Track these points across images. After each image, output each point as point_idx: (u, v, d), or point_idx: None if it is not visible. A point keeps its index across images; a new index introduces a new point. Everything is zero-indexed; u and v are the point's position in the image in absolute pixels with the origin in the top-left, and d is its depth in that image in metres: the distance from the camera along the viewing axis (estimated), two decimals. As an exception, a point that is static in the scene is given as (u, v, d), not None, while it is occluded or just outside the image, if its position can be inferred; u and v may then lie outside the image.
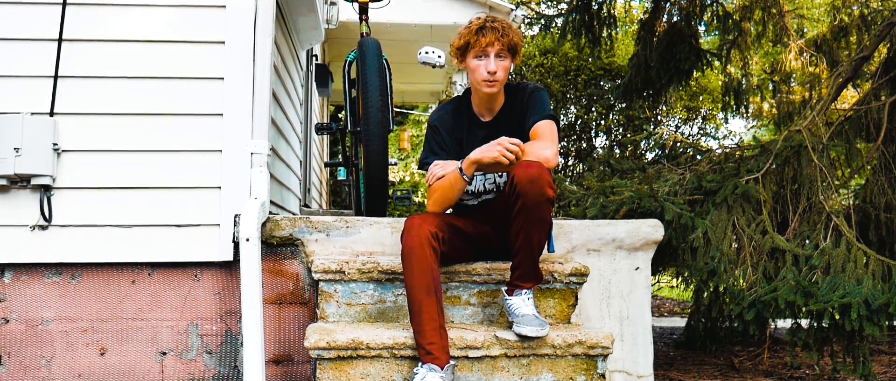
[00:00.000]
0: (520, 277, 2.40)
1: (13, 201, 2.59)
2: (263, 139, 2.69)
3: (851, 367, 3.28)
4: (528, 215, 2.26)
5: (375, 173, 3.05)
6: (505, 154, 2.24)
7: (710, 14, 5.56)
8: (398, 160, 17.28)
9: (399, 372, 2.30)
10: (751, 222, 3.42)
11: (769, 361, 4.17)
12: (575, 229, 2.87)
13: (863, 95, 4.38)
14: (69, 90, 2.63)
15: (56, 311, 2.66)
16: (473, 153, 2.32)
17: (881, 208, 3.87)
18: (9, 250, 2.59)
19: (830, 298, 2.99)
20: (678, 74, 5.38)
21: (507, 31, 2.44)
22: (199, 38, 2.69)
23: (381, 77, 3.12)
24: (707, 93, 7.38)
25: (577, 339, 2.35)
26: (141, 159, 2.65)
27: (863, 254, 3.23)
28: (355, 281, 2.54)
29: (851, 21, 5.30)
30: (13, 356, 2.64)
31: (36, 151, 2.54)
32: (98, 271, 2.67)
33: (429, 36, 7.26)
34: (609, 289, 2.89)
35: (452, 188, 2.41)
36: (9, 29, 2.62)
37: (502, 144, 2.25)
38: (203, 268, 2.71)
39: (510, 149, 2.24)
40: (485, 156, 2.28)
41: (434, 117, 2.64)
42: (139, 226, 2.64)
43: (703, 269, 3.25)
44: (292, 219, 2.73)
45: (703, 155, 4.21)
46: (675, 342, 4.91)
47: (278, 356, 2.74)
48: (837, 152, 4.00)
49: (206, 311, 2.72)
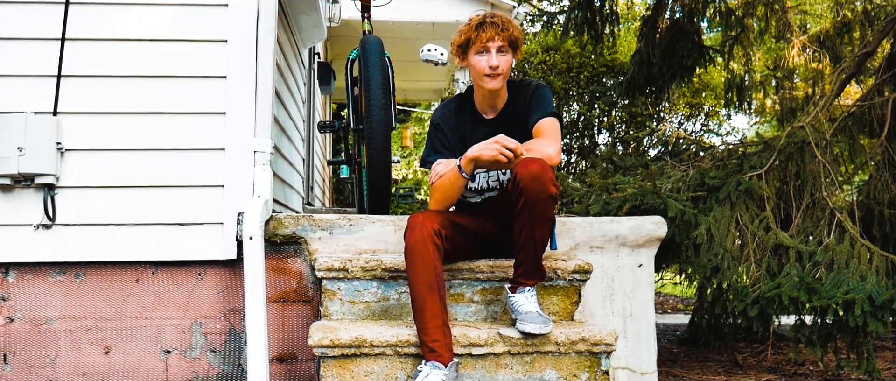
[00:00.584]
0: (523, 274, 2.40)
1: (17, 200, 2.60)
2: (266, 138, 2.69)
3: (855, 363, 3.28)
4: (531, 212, 2.26)
5: (378, 171, 3.05)
6: (502, 153, 2.24)
7: (712, 10, 5.54)
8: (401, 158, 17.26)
9: (403, 370, 2.30)
10: (754, 218, 3.41)
11: (773, 357, 4.17)
12: (578, 226, 2.86)
13: (866, 90, 4.37)
14: (72, 89, 2.63)
15: (60, 310, 2.66)
16: (471, 150, 2.32)
17: (885, 204, 3.87)
18: (13, 250, 2.60)
19: (834, 294, 2.99)
20: (681, 71, 5.38)
21: (507, 26, 2.44)
22: (201, 36, 2.69)
23: (384, 75, 3.12)
24: (710, 89, 7.37)
25: (580, 336, 2.35)
26: (144, 158, 2.66)
27: (866, 250, 3.22)
28: (359, 279, 2.54)
29: (854, 17, 5.29)
30: (18, 355, 2.65)
31: (39, 150, 2.55)
32: (102, 269, 2.68)
33: (431, 34, 7.25)
34: (612, 286, 2.89)
35: (453, 186, 2.41)
36: (12, 28, 2.62)
37: (500, 142, 2.26)
38: (206, 266, 2.71)
39: (508, 147, 2.24)
40: (483, 154, 2.28)
41: (437, 115, 2.63)
42: (143, 225, 2.64)
43: (707, 265, 3.25)
44: (295, 217, 2.74)
45: (705, 151, 4.20)
46: (678, 338, 4.91)
47: (282, 355, 2.74)
48: (841, 148, 3.99)
49: (210, 309, 2.72)
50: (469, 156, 2.32)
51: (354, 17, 4.81)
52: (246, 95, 2.67)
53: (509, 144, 2.25)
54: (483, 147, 2.29)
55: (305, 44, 4.97)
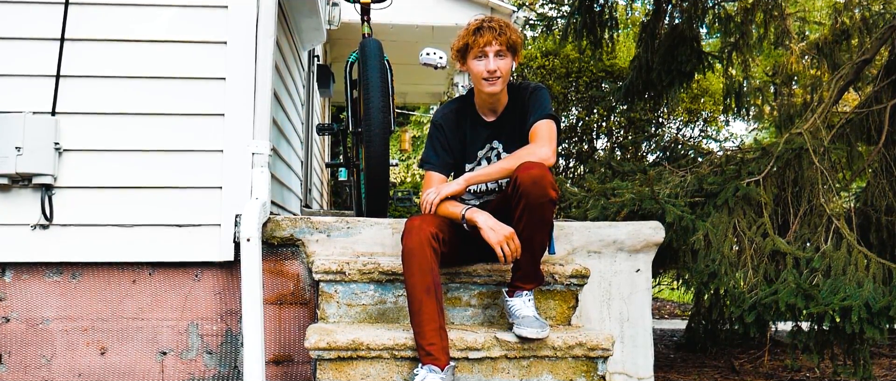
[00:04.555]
0: (520, 278, 2.40)
1: (14, 200, 2.60)
2: (265, 139, 2.69)
3: (852, 370, 3.28)
4: (531, 216, 2.26)
5: (376, 174, 3.05)
6: (503, 248, 2.26)
7: (711, 16, 5.56)
8: (399, 161, 17.28)
9: (399, 373, 2.30)
10: (752, 224, 3.41)
11: (769, 363, 4.17)
12: (576, 230, 2.87)
13: (864, 97, 4.38)
14: (71, 90, 2.63)
15: (57, 310, 2.66)
16: (482, 218, 2.31)
17: (882, 211, 3.87)
18: (10, 249, 2.60)
19: (831, 300, 2.99)
20: (679, 76, 5.38)
21: (505, 30, 2.44)
22: (201, 38, 2.69)
23: (383, 78, 3.12)
24: (708, 95, 7.36)
25: (577, 340, 2.34)
26: (142, 159, 2.65)
27: (864, 257, 3.22)
28: (356, 282, 2.54)
29: (853, 24, 5.30)
30: (14, 355, 2.65)
31: (38, 150, 2.55)
32: (99, 270, 2.67)
33: (430, 37, 7.27)
34: (610, 291, 2.89)
35: (450, 216, 2.41)
36: (11, 28, 2.62)
37: (506, 239, 2.26)
38: (204, 268, 2.71)
39: (512, 248, 2.26)
40: (490, 235, 2.27)
41: (438, 115, 2.64)
42: (140, 226, 2.64)
43: (704, 271, 3.25)
44: (293, 219, 2.73)
45: (704, 157, 4.21)
46: (675, 344, 4.91)
47: (278, 357, 2.74)
48: (838, 155, 4.00)
49: (207, 311, 2.72)
50: (475, 219, 2.32)
51: (354, 19, 4.82)
52: (245, 96, 2.68)
53: (514, 245, 2.26)
54: (493, 227, 2.28)
55: (305, 46, 4.97)
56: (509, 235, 2.26)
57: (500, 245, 2.26)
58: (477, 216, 2.32)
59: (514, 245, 2.26)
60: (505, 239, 2.26)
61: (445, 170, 2.60)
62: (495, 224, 2.29)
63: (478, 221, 2.31)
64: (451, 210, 2.39)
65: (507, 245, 2.26)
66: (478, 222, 2.31)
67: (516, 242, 2.27)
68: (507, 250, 2.26)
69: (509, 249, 2.26)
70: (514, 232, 2.27)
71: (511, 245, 2.26)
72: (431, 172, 2.58)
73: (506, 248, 2.26)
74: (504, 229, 2.28)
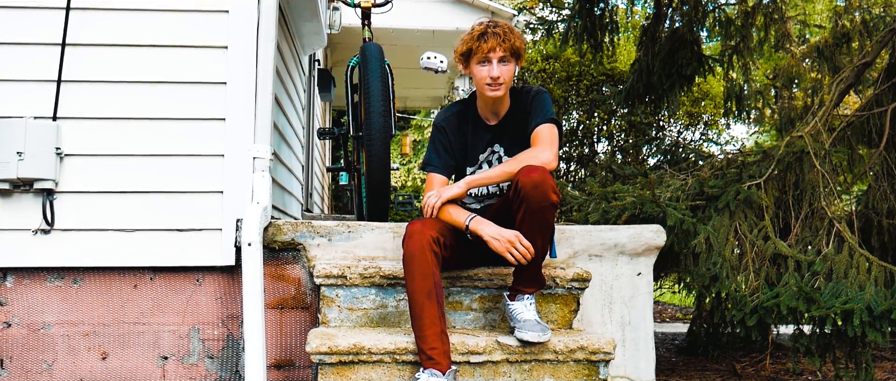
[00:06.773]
0: (522, 282, 2.40)
1: (16, 204, 2.60)
2: (266, 144, 2.69)
3: (854, 373, 3.28)
4: (532, 220, 2.26)
5: (377, 178, 3.05)
6: (511, 252, 2.27)
7: (711, 20, 5.55)
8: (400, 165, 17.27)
9: (400, 377, 2.30)
10: (753, 227, 3.41)
11: (771, 367, 4.16)
12: (577, 234, 2.86)
13: (865, 100, 4.38)
14: (72, 94, 2.63)
15: (58, 315, 2.66)
16: (486, 227, 2.32)
17: (883, 214, 3.87)
18: (11, 254, 2.60)
19: (833, 304, 2.99)
20: (680, 80, 5.38)
21: (509, 36, 2.44)
22: (202, 42, 2.70)
23: (384, 82, 3.12)
24: (709, 98, 7.36)
25: (578, 344, 2.34)
26: (143, 164, 2.66)
27: (865, 260, 3.22)
28: (357, 286, 2.54)
29: (853, 27, 5.30)
30: (15, 360, 2.64)
31: (39, 155, 2.55)
32: (100, 275, 2.67)
33: (431, 41, 7.27)
34: (611, 294, 2.89)
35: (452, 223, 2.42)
36: (12, 33, 2.62)
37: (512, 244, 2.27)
38: (205, 272, 2.71)
39: (518, 250, 2.27)
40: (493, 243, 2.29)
41: (440, 118, 2.64)
42: (141, 230, 2.64)
43: (706, 274, 3.24)
44: (294, 223, 2.73)
45: (705, 160, 4.21)
46: (677, 347, 4.90)
47: (280, 361, 2.73)
48: (839, 158, 4.00)
49: (208, 315, 2.72)
50: (479, 230, 2.32)
51: (355, 24, 4.82)
52: (246, 101, 2.68)
53: (521, 247, 2.27)
54: (496, 237, 2.29)
55: (306, 50, 4.98)
56: (513, 239, 2.27)
57: (509, 252, 2.27)
58: (481, 228, 2.33)
59: (523, 247, 2.27)
60: (511, 245, 2.27)
61: (447, 172, 2.60)
62: (498, 233, 2.30)
63: (483, 233, 2.32)
64: (455, 218, 2.39)
65: (516, 249, 2.27)
66: (483, 235, 2.31)
67: (523, 242, 2.28)
68: (517, 254, 2.27)
69: (519, 252, 2.27)
70: (517, 234, 2.28)
71: (519, 248, 2.27)
72: (433, 174, 2.58)
73: (515, 252, 2.27)
74: (508, 234, 2.28)
